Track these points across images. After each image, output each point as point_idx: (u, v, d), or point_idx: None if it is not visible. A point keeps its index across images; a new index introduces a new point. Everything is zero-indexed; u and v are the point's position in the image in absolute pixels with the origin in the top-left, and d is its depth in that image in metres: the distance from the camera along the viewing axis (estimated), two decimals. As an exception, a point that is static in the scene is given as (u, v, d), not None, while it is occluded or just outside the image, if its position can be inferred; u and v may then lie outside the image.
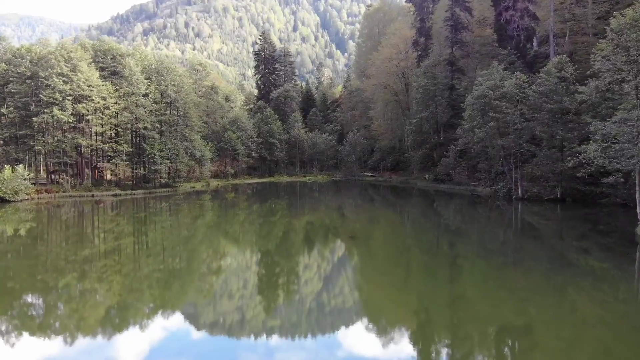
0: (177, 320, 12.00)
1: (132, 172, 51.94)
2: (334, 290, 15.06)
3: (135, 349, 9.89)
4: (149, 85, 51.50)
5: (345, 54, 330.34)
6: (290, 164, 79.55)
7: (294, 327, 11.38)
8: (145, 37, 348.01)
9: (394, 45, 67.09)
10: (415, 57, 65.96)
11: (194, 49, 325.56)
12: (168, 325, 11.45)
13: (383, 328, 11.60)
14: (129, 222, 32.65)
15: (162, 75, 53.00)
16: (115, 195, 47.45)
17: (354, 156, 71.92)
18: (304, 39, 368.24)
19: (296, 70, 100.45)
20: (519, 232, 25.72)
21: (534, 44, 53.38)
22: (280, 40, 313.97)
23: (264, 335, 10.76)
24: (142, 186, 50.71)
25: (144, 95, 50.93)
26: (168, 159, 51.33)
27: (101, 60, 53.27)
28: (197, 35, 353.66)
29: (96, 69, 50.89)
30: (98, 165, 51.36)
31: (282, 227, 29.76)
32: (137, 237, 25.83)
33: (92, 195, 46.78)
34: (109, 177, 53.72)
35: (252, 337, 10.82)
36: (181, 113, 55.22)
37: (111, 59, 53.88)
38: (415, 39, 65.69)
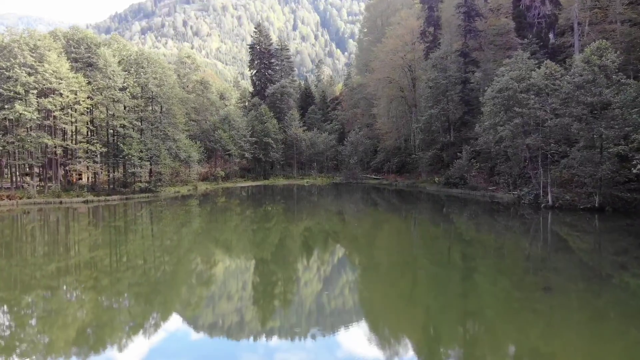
0: (166, 330, 11.28)
1: (108, 176, 46.41)
2: (334, 302, 13.73)
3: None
4: (126, 78, 45.95)
5: (346, 53, 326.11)
6: (288, 166, 73.99)
7: (290, 338, 10.52)
8: (142, 36, 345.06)
9: (400, 36, 61.52)
10: (422, 49, 60.38)
11: (192, 48, 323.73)
12: (158, 333, 10.98)
13: (388, 345, 10.42)
14: (100, 232, 27.99)
15: (142, 67, 47.46)
16: (86, 201, 41.91)
17: (355, 157, 66.30)
18: (303, 38, 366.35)
19: (294, 66, 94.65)
20: (549, 245, 21.85)
21: (550, 35, 47.90)
22: (280, 39, 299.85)
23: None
24: (119, 191, 45.12)
25: (121, 90, 45.40)
26: (148, 161, 45.82)
27: (74, 50, 47.72)
28: (196, 34, 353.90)
29: (68, 60, 45.39)
30: (68, 168, 45.67)
31: (278, 235, 26.91)
32: (112, 249, 22.42)
33: (61, 202, 41.27)
34: (83, 181, 48.15)
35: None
36: (164, 109, 49.67)
37: (85, 49, 48.30)
38: (422, 29, 60.16)
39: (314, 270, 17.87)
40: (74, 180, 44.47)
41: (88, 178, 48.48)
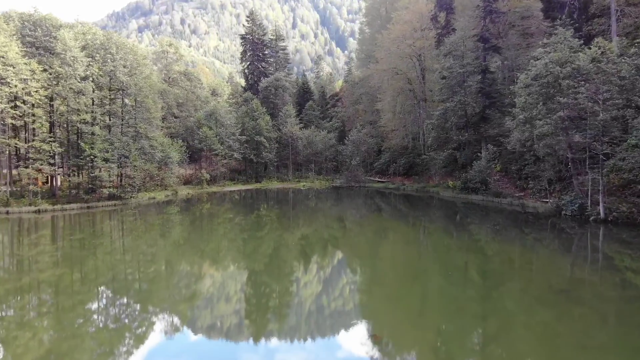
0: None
1: (69, 181, 39.55)
2: (336, 319, 12.76)
3: None
4: (90, 65, 39.10)
5: (346, 52, 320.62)
6: (283, 167, 67.07)
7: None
8: (139, 34, 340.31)
9: (407, 22, 54.65)
10: (433, 35, 53.61)
11: (189, 46, 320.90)
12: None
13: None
14: (50, 248, 23.37)
15: (109, 53, 40.57)
16: (39, 211, 35.16)
17: (358, 158, 59.34)
18: (303, 36, 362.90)
19: (290, 59, 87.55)
20: (600, 267, 18.03)
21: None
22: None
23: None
24: (81, 199, 38.22)
25: (83, 79, 38.61)
26: (115, 162, 38.94)
27: (30, 33, 40.83)
28: (194, 32, 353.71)
29: (23, 45, 38.58)
30: (19, 172, 38.75)
31: (270, 246, 23.83)
32: (66, 268, 18.91)
33: (7, 212, 34.53)
34: (41, 186, 41.20)
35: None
36: (136, 103, 42.77)
37: (44, 32, 41.39)
38: (433, 14, 53.42)
39: (312, 281, 16.50)
40: (29, 185, 37.51)
41: (48, 182, 41.54)
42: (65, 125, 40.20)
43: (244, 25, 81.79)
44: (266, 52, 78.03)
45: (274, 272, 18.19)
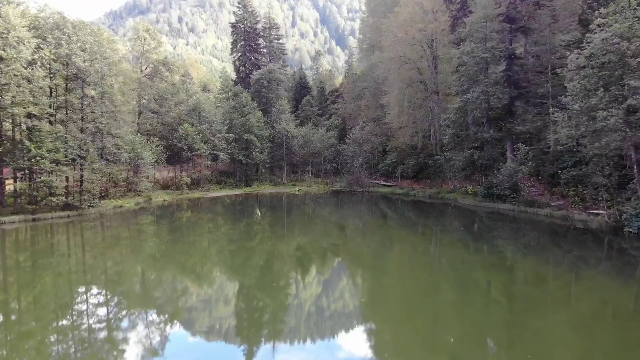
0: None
1: (16, 188, 32.71)
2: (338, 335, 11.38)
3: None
4: (39, 48, 32.33)
5: (346, 50, 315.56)
6: (278, 168, 60.24)
7: None
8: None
9: (417, 3, 47.81)
10: (447, 18, 46.90)
11: (187, 44, 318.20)
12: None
13: None
14: None
15: (64, 34, 33.77)
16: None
17: (361, 158, 52.43)
18: (302, 35, 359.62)
19: (285, 49, 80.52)
20: None
21: None
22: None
23: None
24: (25, 209, 31.44)
25: (29, 64, 31.88)
26: (67, 164, 32.14)
27: (-32, 10, 33.96)
28: (191, 30, 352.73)
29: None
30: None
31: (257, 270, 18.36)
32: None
33: None
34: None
35: None
36: (97, 93, 35.94)
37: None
38: (447, -6, 46.86)
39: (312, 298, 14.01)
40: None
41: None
42: (11, 120, 33.37)
43: (234, 12, 74.83)
44: (259, 42, 71.09)
45: (264, 297, 14.58)
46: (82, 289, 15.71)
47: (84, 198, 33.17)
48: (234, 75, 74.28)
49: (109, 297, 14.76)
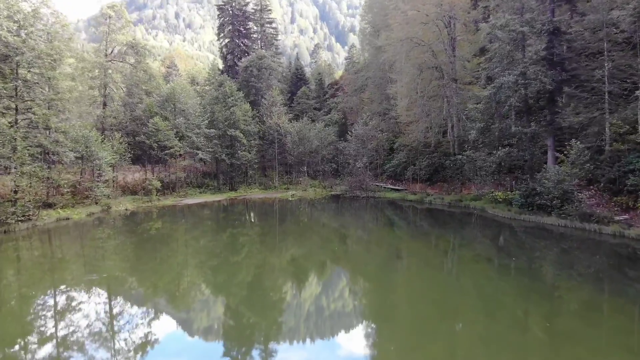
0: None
1: None
2: None
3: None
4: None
5: (345, 47, 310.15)
6: (270, 169, 52.60)
7: None
8: (132, 29, 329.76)
9: (433, -27, 40.15)
10: (468, -9, 39.36)
11: (183, 40, 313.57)
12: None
13: None
14: None
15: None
16: None
17: (365, 158, 44.71)
18: (302, 32, 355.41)
19: (279, 35, 72.56)
20: None
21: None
22: (279, 39, 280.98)
23: None
24: None
25: None
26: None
27: None
28: (188, 26, 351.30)
29: None
30: None
31: None
32: None
33: None
34: None
35: None
36: (33, 77, 28.30)
37: None
38: (468, -39, 39.24)
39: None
40: None
41: None
42: None
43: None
44: (249, 26, 63.11)
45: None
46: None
47: (12, 210, 25.56)
48: (222, 65, 66.48)
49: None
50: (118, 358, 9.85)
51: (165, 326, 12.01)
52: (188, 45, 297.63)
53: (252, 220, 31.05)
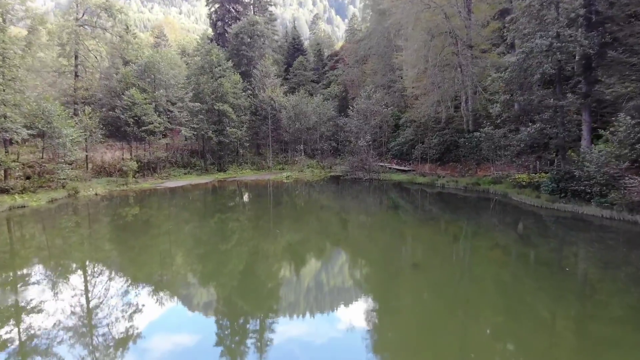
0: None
1: None
2: None
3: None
4: None
5: (346, 20, 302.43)
6: (265, 147, 48.13)
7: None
8: (127, 1, 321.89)
9: None
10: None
11: (180, 13, 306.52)
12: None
13: None
14: None
15: None
16: None
17: (368, 136, 40.16)
18: (300, 4, 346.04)
19: (276, 7, 66.87)
20: None
21: None
22: (275, 4, 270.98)
23: None
24: None
25: None
26: None
27: None
28: None
29: None
30: None
31: None
32: None
33: None
34: None
35: None
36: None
37: None
38: None
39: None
40: None
41: None
42: None
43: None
44: (240, -10, 57.87)
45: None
46: None
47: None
48: (212, 33, 61.20)
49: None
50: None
51: (164, 303, 11.19)
52: (184, 17, 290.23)
53: (239, 208, 26.77)
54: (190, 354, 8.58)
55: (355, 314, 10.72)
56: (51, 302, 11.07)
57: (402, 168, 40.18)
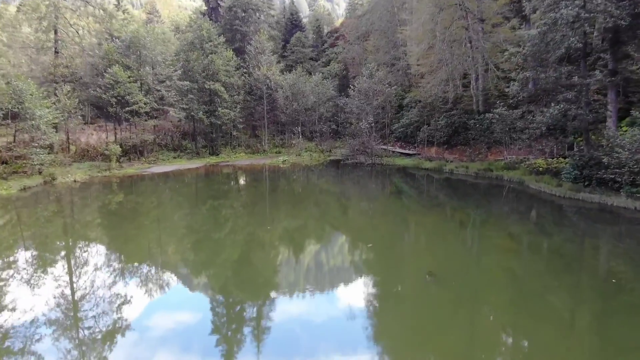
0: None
1: None
2: None
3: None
4: None
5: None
6: (260, 129, 45.52)
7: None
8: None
9: None
10: None
11: None
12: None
13: None
14: None
15: None
16: None
17: (370, 117, 37.51)
18: None
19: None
20: None
21: None
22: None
23: None
24: None
25: None
26: None
27: None
28: None
29: None
30: None
31: None
32: None
33: None
34: None
35: None
36: None
37: None
38: None
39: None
40: None
41: None
42: None
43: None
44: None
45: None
46: None
47: None
48: (204, 8, 57.97)
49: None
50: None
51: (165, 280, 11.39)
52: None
53: (230, 202, 24.39)
54: (191, 331, 8.61)
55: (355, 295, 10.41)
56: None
57: (407, 152, 37.71)
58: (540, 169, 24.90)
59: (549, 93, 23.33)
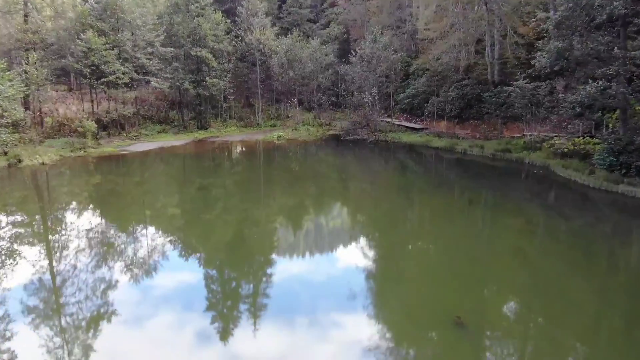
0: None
1: None
2: None
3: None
4: None
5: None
6: (254, 98, 42.10)
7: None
8: None
9: None
10: None
11: None
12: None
13: None
14: None
15: None
16: None
17: (374, 89, 34.08)
18: None
19: None
20: None
21: None
22: None
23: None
24: None
25: None
26: None
27: None
28: None
29: None
30: None
31: None
32: None
33: None
34: None
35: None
36: None
37: None
38: None
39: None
40: None
41: None
42: None
43: None
44: None
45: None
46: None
47: None
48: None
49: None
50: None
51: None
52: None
53: (198, 193, 21.53)
54: (194, 291, 9.52)
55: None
56: None
57: (413, 125, 34.57)
58: (566, 150, 22.00)
59: (583, 66, 20.05)
